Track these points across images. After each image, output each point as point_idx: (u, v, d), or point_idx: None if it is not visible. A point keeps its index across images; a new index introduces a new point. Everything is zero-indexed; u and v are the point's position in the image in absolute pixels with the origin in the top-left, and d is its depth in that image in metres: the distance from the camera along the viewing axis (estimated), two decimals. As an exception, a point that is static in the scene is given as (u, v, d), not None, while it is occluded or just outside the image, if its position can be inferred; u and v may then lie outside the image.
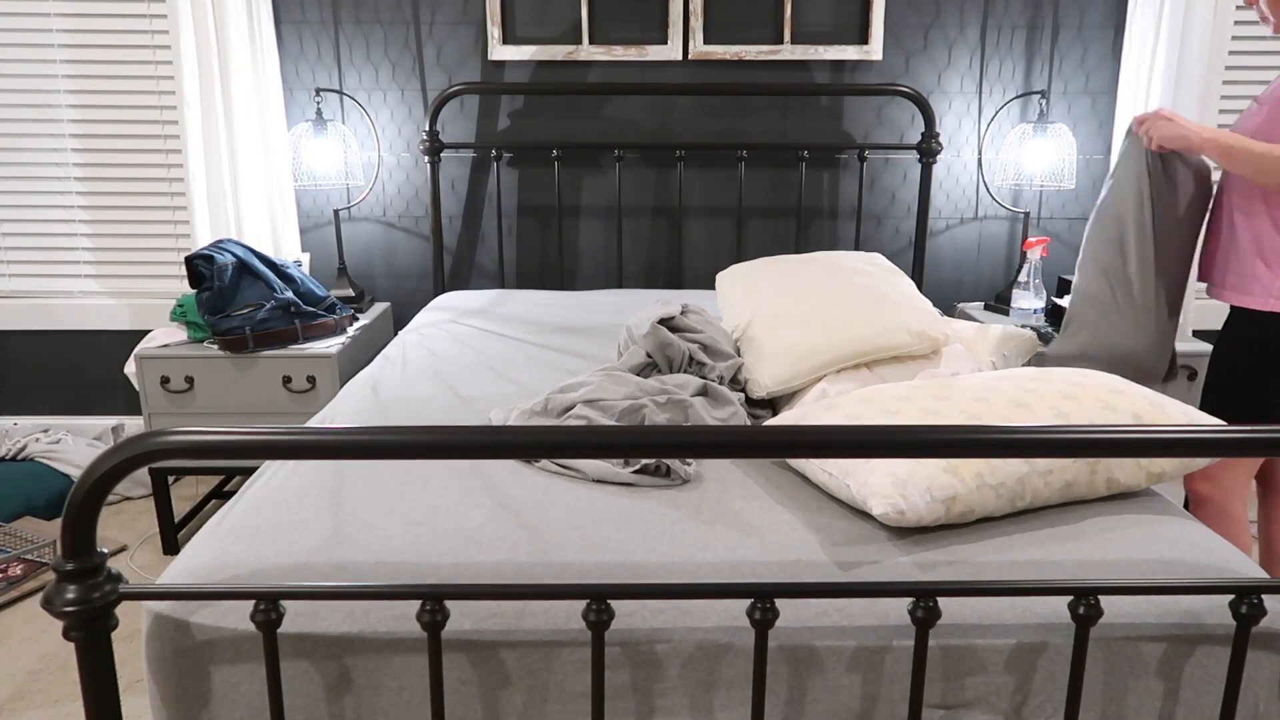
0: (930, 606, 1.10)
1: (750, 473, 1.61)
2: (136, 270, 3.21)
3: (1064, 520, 1.44)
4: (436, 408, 1.94)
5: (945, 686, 1.23)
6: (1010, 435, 1.02)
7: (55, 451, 3.04)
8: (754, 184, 3.13)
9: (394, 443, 1.01)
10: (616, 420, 1.68)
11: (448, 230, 3.18)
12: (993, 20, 3.00)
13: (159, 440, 1.01)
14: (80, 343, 3.27)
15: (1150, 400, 1.52)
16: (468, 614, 1.22)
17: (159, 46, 3.01)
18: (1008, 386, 1.54)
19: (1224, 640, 1.24)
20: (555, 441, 1.03)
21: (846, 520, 1.44)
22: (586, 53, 2.98)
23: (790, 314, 2.01)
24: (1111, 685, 1.24)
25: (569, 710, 1.24)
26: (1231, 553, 1.36)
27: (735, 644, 1.22)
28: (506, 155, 3.11)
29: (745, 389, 1.95)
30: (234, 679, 1.23)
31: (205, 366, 2.64)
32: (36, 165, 3.11)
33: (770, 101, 3.06)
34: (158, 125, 3.08)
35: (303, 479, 1.55)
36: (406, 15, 3.00)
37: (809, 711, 1.24)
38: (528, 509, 1.46)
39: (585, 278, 3.22)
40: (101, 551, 1.05)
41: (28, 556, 2.56)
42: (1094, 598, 1.11)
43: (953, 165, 3.12)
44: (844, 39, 3.00)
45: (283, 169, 2.96)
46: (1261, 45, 3.04)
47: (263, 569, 1.30)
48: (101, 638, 1.07)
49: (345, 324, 2.81)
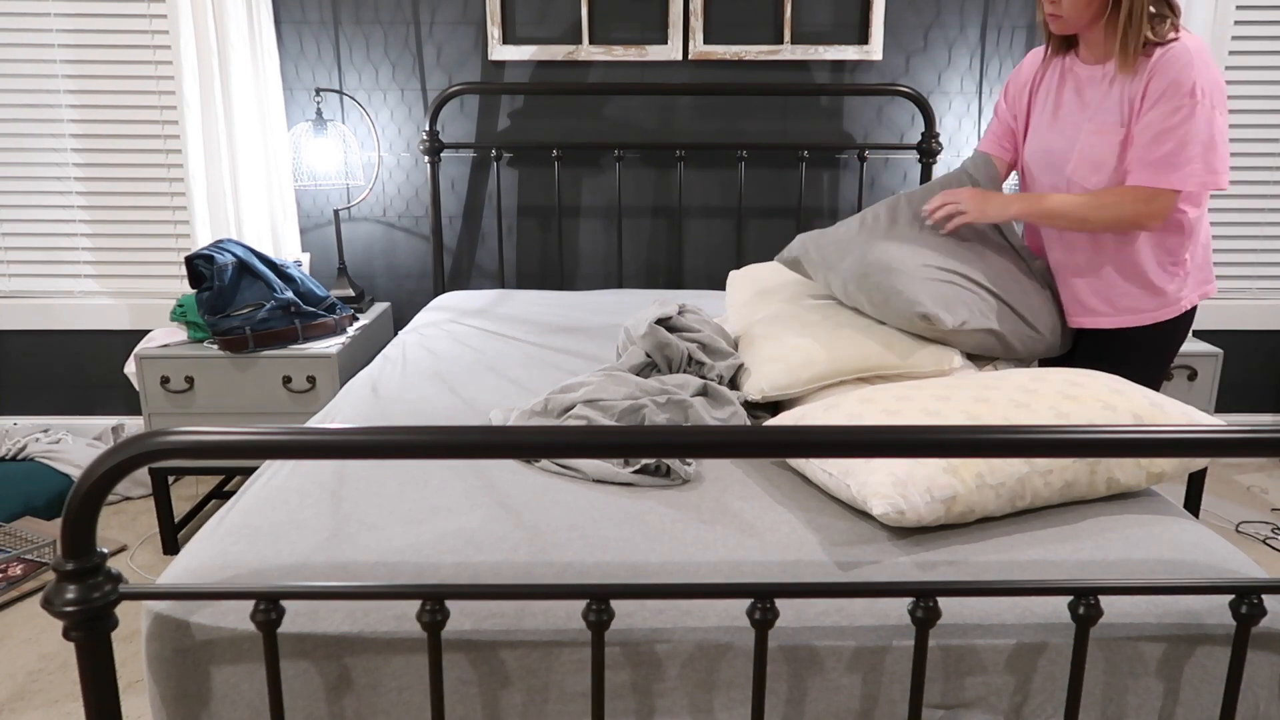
0: (930, 606, 1.10)
1: (750, 473, 1.61)
2: (136, 270, 3.21)
3: (1064, 520, 1.44)
4: (436, 408, 1.94)
5: (945, 686, 1.23)
6: (1010, 435, 1.02)
7: (55, 451, 3.04)
8: (754, 184, 3.13)
9: (394, 443, 1.01)
10: (616, 420, 1.68)
11: (448, 230, 3.18)
12: (993, 20, 3.00)
13: (159, 440, 1.01)
14: (80, 343, 3.27)
15: (1150, 400, 1.52)
16: (468, 614, 1.22)
17: (159, 46, 3.01)
18: (1008, 386, 1.54)
19: (1224, 640, 1.24)
20: (555, 441, 1.02)
21: (846, 520, 1.44)
22: (586, 53, 2.98)
23: (797, 319, 1.97)
24: (1111, 685, 1.24)
25: (569, 710, 1.24)
26: (1232, 553, 1.36)
27: (735, 644, 1.22)
28: (506, 155, 3.11)
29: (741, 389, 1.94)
30: (234, 679, 1.23)
31: (205, 366, 2.64)
32: (36, 165, 3.11)
33: (770, 101, 3.06)
34: (158, 125, 3.08)
35: (303, 479, 1.55)
36: (406, 15, 3.00)
37: (809, 711, 1.24)
38: (528, 509, 1.46)
39: (585, 278, 3.22)
40: (101, 551, 1.05)
41: (28, 556, 2.55)
42: (1094, 598, 1.11)
43: (953, 165, 3.12)
44: (844, 39, 3.00)
45: (283, 169, 2.96)
46: (1261, 45, 3.04)
47: (263, 569, 1.30)
48: (101, 638, 1.07)
49: (345, 324, 2.81)
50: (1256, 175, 3.15)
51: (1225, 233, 3.21)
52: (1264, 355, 3.33)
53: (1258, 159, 3.14)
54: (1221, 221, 3.19)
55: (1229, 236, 3.21)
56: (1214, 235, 3.19)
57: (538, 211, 3.16)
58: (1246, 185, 3.17)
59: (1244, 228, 3.21)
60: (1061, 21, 1.86)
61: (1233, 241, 3.22)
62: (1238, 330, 3.29)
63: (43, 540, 2.60)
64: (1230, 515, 2.92)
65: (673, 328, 2.01)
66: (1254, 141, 3.12)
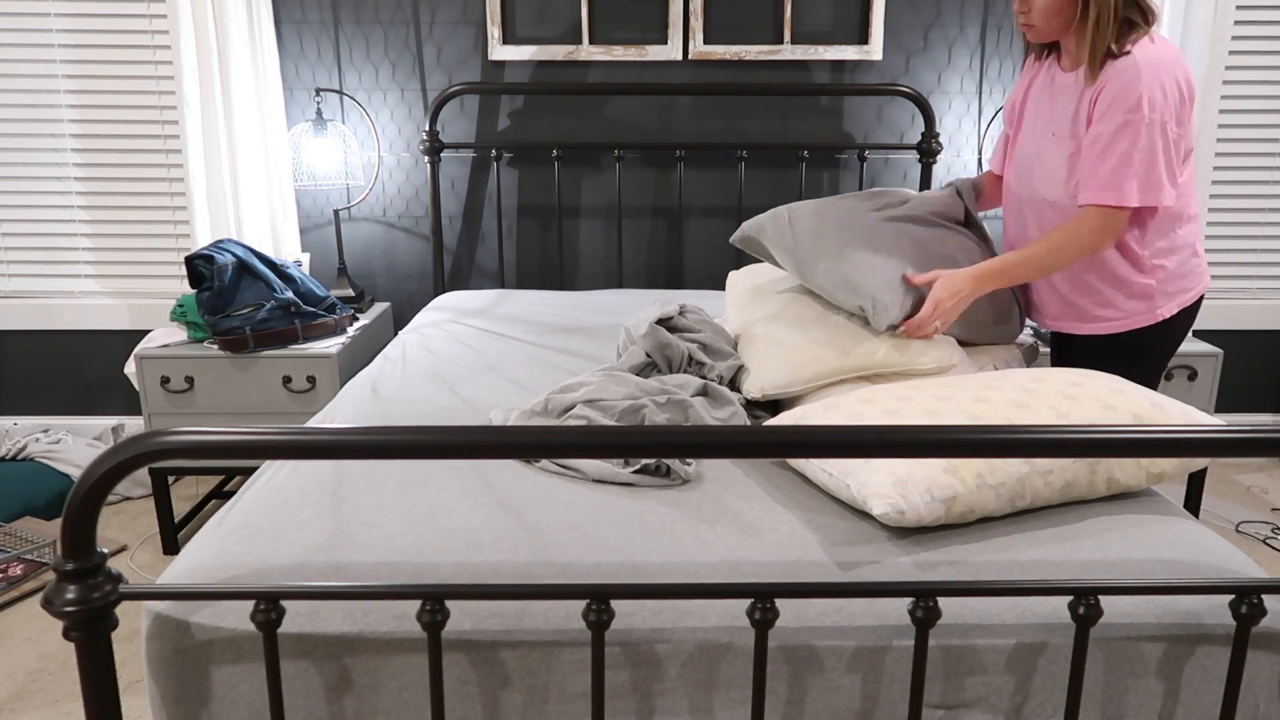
0: (930, 606, 1.10)
1: (750, 473, 1.61)
2: (136, 270, 3.21)
3: (1064, 520, 1.44)
4: (436, 408, 1.94)
5: (945, 686, 1.23)
6: (1010, 435, 1.02)
7: (55, 451, 3.04)
8: (754, 184, 3.13)
9: (394, 443, 1.01)
10: (616, 420, 1.68)
11: (448, 230, 3.18)
12: (993, 20, 3.00)
13: (159, 440, 1.01)
14: (80, 343, 3.27)
15: (1150, 400, 1.52)
16: (468, 614, 1.22)
17: (159, 46, 3.01)
18: (1008, 386, 1.54)
19: (1224, 640, 1.24)
20: (555, 441, 1.03)
21: (846, 520, 1.44)
22: (586, 53, 2.98)
23: (797, 318, 1.96)
24: (1111, 685, 1.24)
25: (569, 710, 1.24)
26: (1232, 553, 1.36)
27: (735, 644, 1.22)
28: (506, 155, 3.11)
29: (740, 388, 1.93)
30: (234, 679, 1.23)
31: (205, 366, 2.64)
32: (36, 165, 3.11)
33: (770, 101, 3.06)
34: (158, 125, 3.08)
35: (303, 479, 1.55)
36: (406, 15, 3.00)
37: (809, 711, 1.24)
38: (528, 509, 1.46)
39: (585, 278, 3.22)
40: (101, 551, 1.05)
41: (28, 556, 2.56)
42: (1094, 598, 1.11)
43: (953, 165, 3.12)
44: (844, 39, 3.00)
45: (283, 169, 2.96)
46: (1261, 45, 3.04)
47: (263, 569, 1.30)
48: (101, 638, 1.07)
49: (345, 324, 2.81)
50: (1256, 175, 3.15)
51: (1225, 233, 3.21)
52: (1264, 355, 3.33)
53: (1257, 159, 3.14)
54: (1222, 221, 3.19)
55: (1229, 236, 3.21)
56: (1214, 235, 3.19)
57: (538, 211, 3.16)
58: (1246, 185, 3.17)
59: (1244, 228, 3.20)
60: (1035, 30, 1.84)
61: (1233, 241, 3.22)
62: (1238, 330, 3.29)
63: (43, 540, 2.60)
64: (1230, 515, 2.92)
65: (673, 328, 2.01)
66: (1254, 141, 3.12)
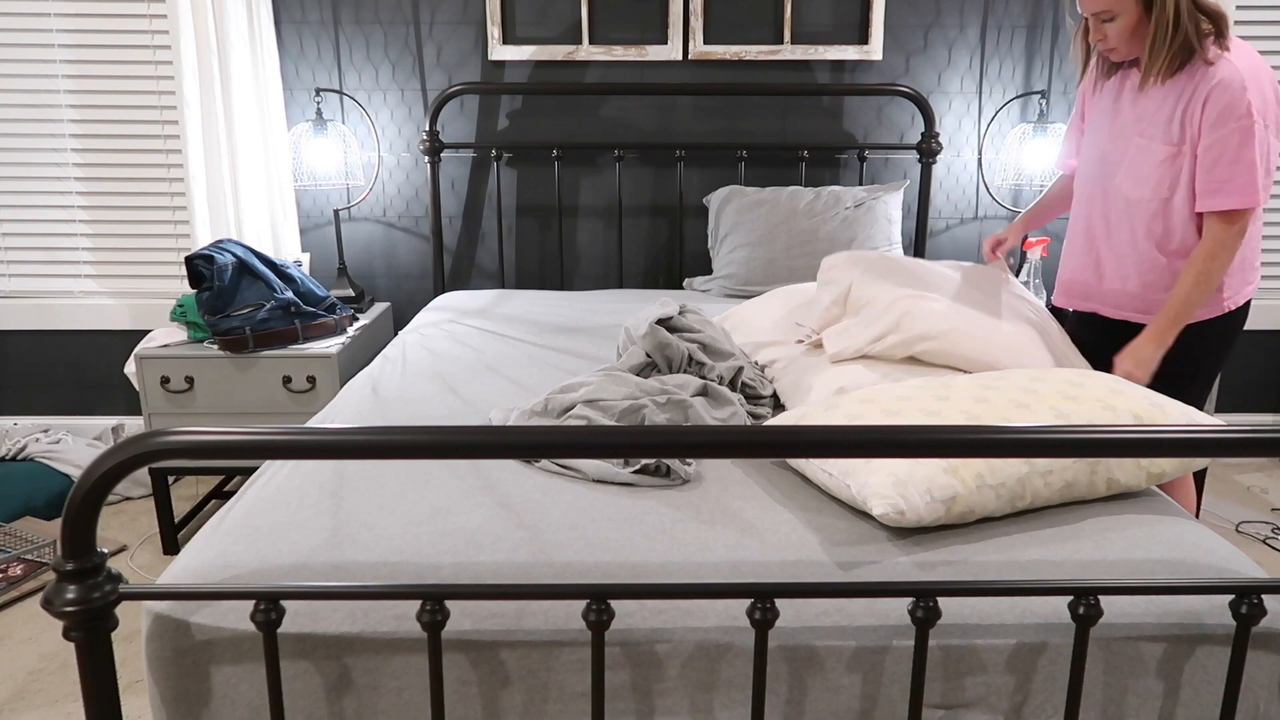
0: (930, 606, 1.10)
1: (750, 473, 1.61)
2: (136, 270, 3.21)
3: (1064, 520, 1.44)
4: (436, 408, 1.94)
5: (945, 686, 1.23)
6: (1010, 435, 1.02)
7: (55, 451, 3.03)
8: (754, 184, 3.13)
9: (394, 443, 1.01)
10: (616, 420, 1.68)
11: (448, 230, 3.18)
12: (993, 20, 3.00)
13: (159, 440, 1.01)
14: (80, 343, 3.27)
15: (1150, 400, 1.52)
16: (468, 614, 1.22)
17: (159, 46, 3.01)
18: (1008, 386, 1.54)
19: (1224, 640, 1.24)
20: (555, 441, 1.03)
21: (846, 520, 1.44)
22: (586, 53, 2.98)
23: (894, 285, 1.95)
24: (1111, 685, 1.24)
25: (569, 710, 1.24)
26: (1232, 553, 1.36)
27: (735, 644, 1.22)
28: (506, 155, 3.11)
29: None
30: (234, 679, 1.23)
31: (205, 366, 2.64)
32: (36, 165, 3.11)
33: (770, 101, 3.06)
34: (158, 125, 3.08)
35: (303, 479, 1.55)
36: (406, 15, 3.00)
37: (809, 711, 1.24)
38: (528, 509, 1.46)
39: (585, 278, 3.22)
40: (101, 551, 1.05)
41: (28, 556, 2.55)
42: (1094, 598, 1.11)
43: (953, 165, 3.12)
44: (844, 39, 3.00)
45: (283, 169, 2.96)
46: (1261, 46, 3.04)
47: (263, 569, 1.30)
48: (101, 638, 1.07)
49: (345, 324, 2.81)
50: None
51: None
52: (1264, 355, 3.33)
53: (1258, 159, 3.14)
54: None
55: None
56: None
57: (537, 211, 3.16)
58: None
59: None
60: (1117, 52, 1.91)
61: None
62: (1238, 330, 3.29)
63: (43, 540, 2.60)
64: (1230, 515, 2.92)
65: (673, 328, 2.01)
66: (1254, 141, 3.12)
